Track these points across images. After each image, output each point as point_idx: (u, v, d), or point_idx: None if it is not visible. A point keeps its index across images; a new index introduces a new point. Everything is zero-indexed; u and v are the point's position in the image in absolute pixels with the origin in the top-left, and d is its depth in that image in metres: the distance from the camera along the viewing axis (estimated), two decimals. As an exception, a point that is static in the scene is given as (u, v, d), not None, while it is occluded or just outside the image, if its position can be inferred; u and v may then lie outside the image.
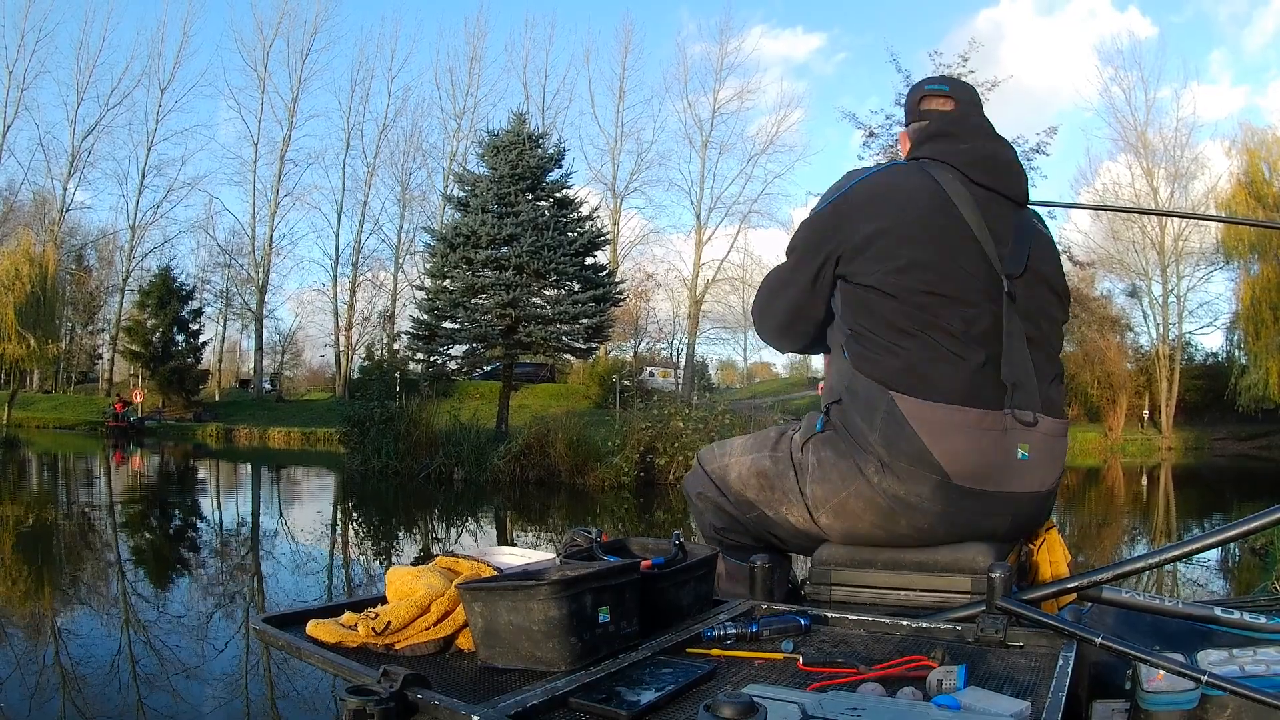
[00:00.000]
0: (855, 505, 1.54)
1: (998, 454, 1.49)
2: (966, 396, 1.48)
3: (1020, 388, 1.51)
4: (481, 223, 17.81)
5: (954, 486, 1.48)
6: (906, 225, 1.55)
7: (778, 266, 1.77)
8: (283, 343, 44.20)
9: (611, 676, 1.06)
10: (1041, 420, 1.53)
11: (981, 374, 1.49)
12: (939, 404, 1.47)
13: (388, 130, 40.49)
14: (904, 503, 1.50)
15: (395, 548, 8.50)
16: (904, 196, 1.58)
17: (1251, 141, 26.08)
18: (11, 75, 36.61)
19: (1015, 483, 1.52)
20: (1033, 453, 1.52)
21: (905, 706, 0.95)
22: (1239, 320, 26.41)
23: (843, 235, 1.59)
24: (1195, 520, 11.09)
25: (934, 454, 1.46)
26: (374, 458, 15.04)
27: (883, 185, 1.61)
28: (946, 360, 1.49)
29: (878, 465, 1.50)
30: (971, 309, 1.52)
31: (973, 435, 1.47)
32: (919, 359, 1.49)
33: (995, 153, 1.66)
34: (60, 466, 18.69)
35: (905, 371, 1.49)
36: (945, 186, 1.58)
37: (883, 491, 1.51)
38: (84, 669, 4.00)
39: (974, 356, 1.50)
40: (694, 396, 24.02)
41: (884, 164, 1.79)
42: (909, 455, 1.48)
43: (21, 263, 27.26)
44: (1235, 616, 1.48)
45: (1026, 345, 1.55)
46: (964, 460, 1.47)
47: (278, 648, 1.28)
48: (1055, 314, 1.69)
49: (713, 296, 38.95)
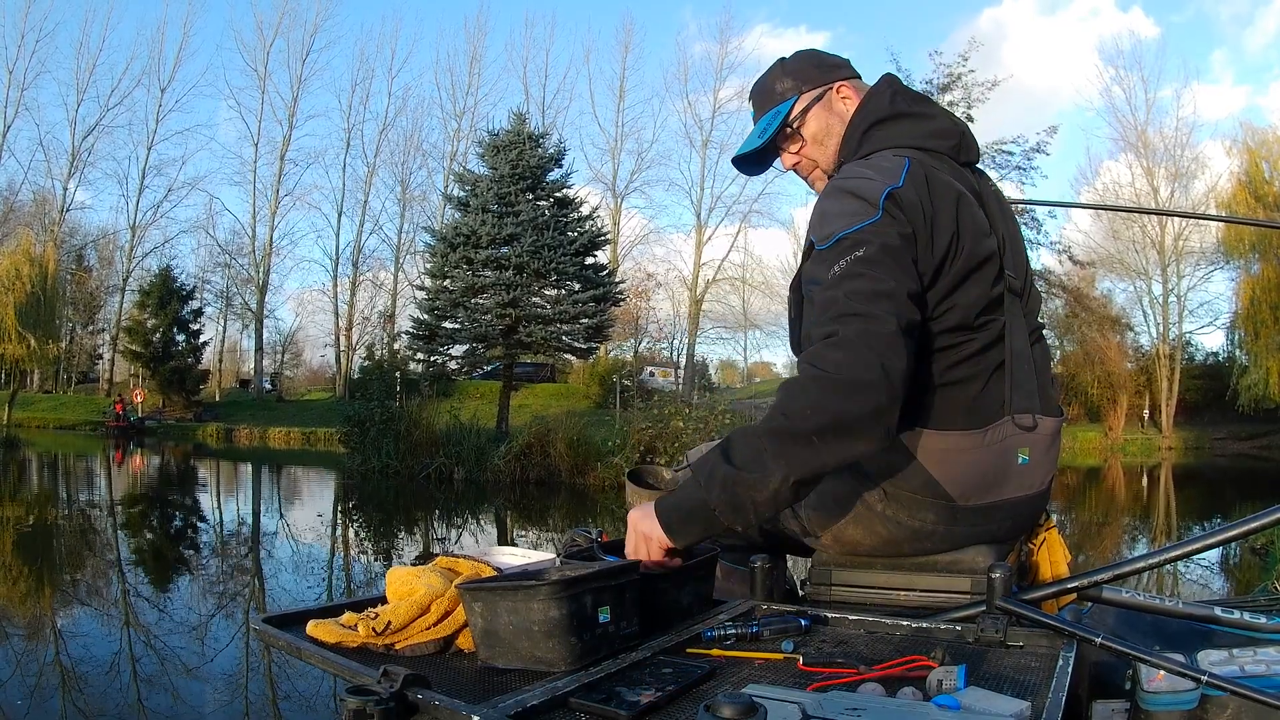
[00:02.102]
0: (855, 532, 1.49)
1: (1000, 466, 1.43)
2: (971, 418, 1.38)
3: (1020, 389, 1.42)
4: (481, 222, 17.82)
5: (960, 508, 1.43)
6: (960, 236, 1.37)
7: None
8: (283, 343, 44.28)
9: (611, 676, 1.07)
10: (1040, 422, 1.45)
11: (985, 389, 1.39)
12: (946, 432, 1.38)
13: (388, 130, 40.59)
14: (909, 528, 1.45)
15: (395, 548, 8.50)
16: (951, 200, 1.40)
17: (1252, 141, 26.10)
18: (11, 75, 36.72)
19: (1016, 489, 1.47)
20: (1032, 455, 1.47)
21: (905, 706, 0.95)
22: (1239, 320, 26.41)
23: (899, 271, 1.39)
24: (1195, 520, 11.09)
25: (942, 483, 1.40)
26: (374, 458, 15.04)
27: (933, 188, 1.42)
28: (951, 384, 1.38)
29: (880, 495, 1.44)
30: (992, 317, 1.39)
31: (978, 456, 1.40)
32: (920, 388, 1.35)
33: (956, 123, 1.51)
34: (60, 466, 18.70)
35: (919, 408, 1.37)
36: (955, 176, 1.43)
37: (885, 518, 1.45)
38: (84, 669, 4.00)
39: (980, 371, 1.39)
40: (694, 396, 24.02)
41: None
42: (914, 486, 1.41)
43: (21, 263, 27.28)
44: (1235, 616, 1.48)
45: (1028, 342, 1.46)
46: (970, 483, 1.42)
47: (278, 648, 1.28)
48: (1035, 300, 1.54)
49: (713, 296, 39.04)
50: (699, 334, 38.30)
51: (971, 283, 1.36)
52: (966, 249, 1.35)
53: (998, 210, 1.48)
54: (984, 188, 1.50)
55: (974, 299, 1.36)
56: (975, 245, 1.36)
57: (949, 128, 1.50)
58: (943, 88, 25.35)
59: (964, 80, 25.20)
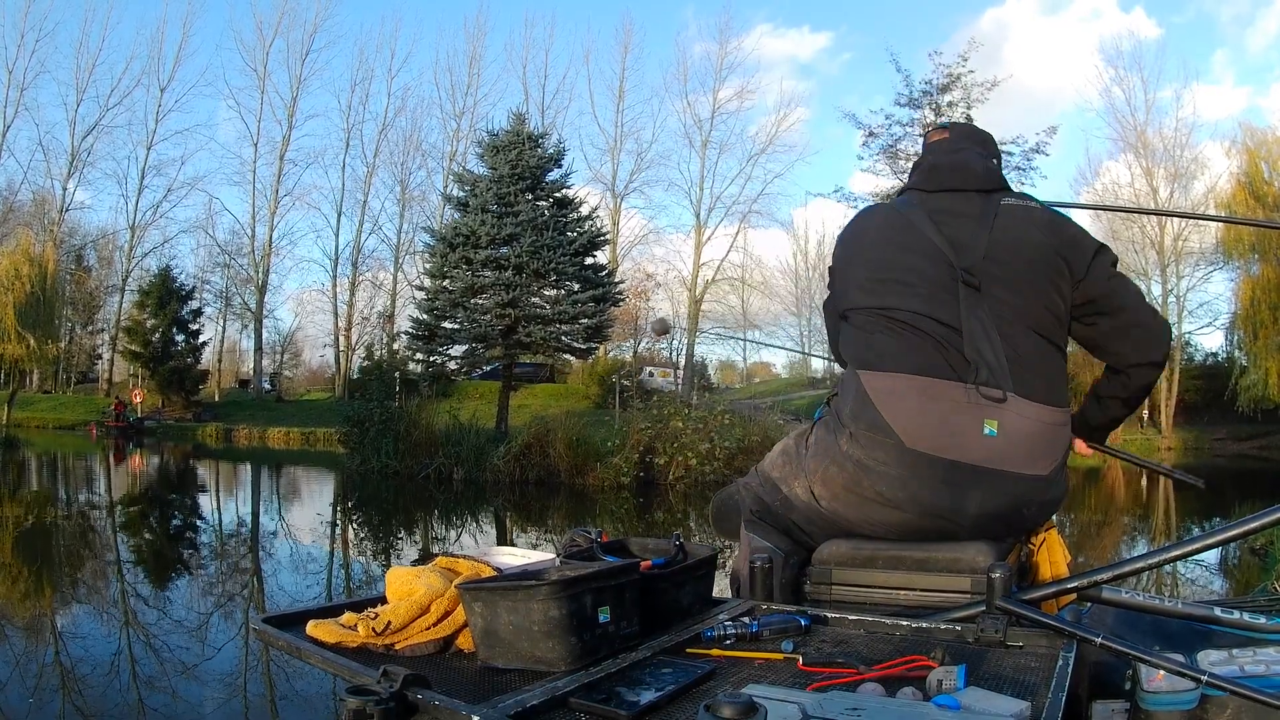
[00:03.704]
0: (833, 472, 1.66)
1: (957, 424, 1.55)
2: (923, 369, 1.58)
3: (985, 366, 1.55)
4: (481, 223, 17.80)
5: (909, 450, 1.56)
6: (865, 249, 1.79)
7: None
8: (282, 343, 44.24)
9: (611, 677, 1.07)
10: (1013, 400, 1.54)
11: (943, 351, 1.59)
12: (893, 373, 1.60)
13: (387, 130, 40.52)
14: (865, 467, 1.60)
15: (395, 548, 8.50)
16: (863, 229, 1.84)
17: (1251, 141, 26.07)
18: (11, 75, 36.65)
19: (982, 457, 1.54)
20: (1003, 432, 1.54)
21: (905, 706, 0.95)
22: (1239, 320, 26.38)
23: (835, 291, 1.87)
24: (1195, 520, 11.09)
25: (886, 418, 1.57)
26: (374, 458, 15.04)
27: (850, 230, 1.87)
28: (903, 338, 1.62)
29: (848, 436, 1.63)
30: (927, 296, 1.63)
31: (926, 402, 1.57)
32: (880, 340, 1.65)
33: (952, 159, 1.80)
34: (60, 466, 18.69)
35: (867, 350, 1.66)
36: (901, 206, 1.79)
37: (848, 457, 1.62)
38: (84, 669, 4.00)
39: (932, 335, 1.60)
40: (693, 396, 24.02)
41: (862, 209, 2.04)
42: (867, 422, 1.60)
43: (21, 263, 27.23)
44: (1235, 616, 1.48)
45: (996, 329, 1.58)
46: (916, 424, 1.56)
47: (278, 648, 1.28)
48: (1029, 296, 1.63)
49: (712, 296, 38.99)
50: (698, 334, 38.27)
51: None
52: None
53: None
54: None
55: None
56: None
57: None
58: (942, 88, 25.36)
59: (963, 80, 25.22)
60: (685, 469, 13.32)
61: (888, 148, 26.35)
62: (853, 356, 1.70)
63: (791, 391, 41.30)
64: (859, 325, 1.71)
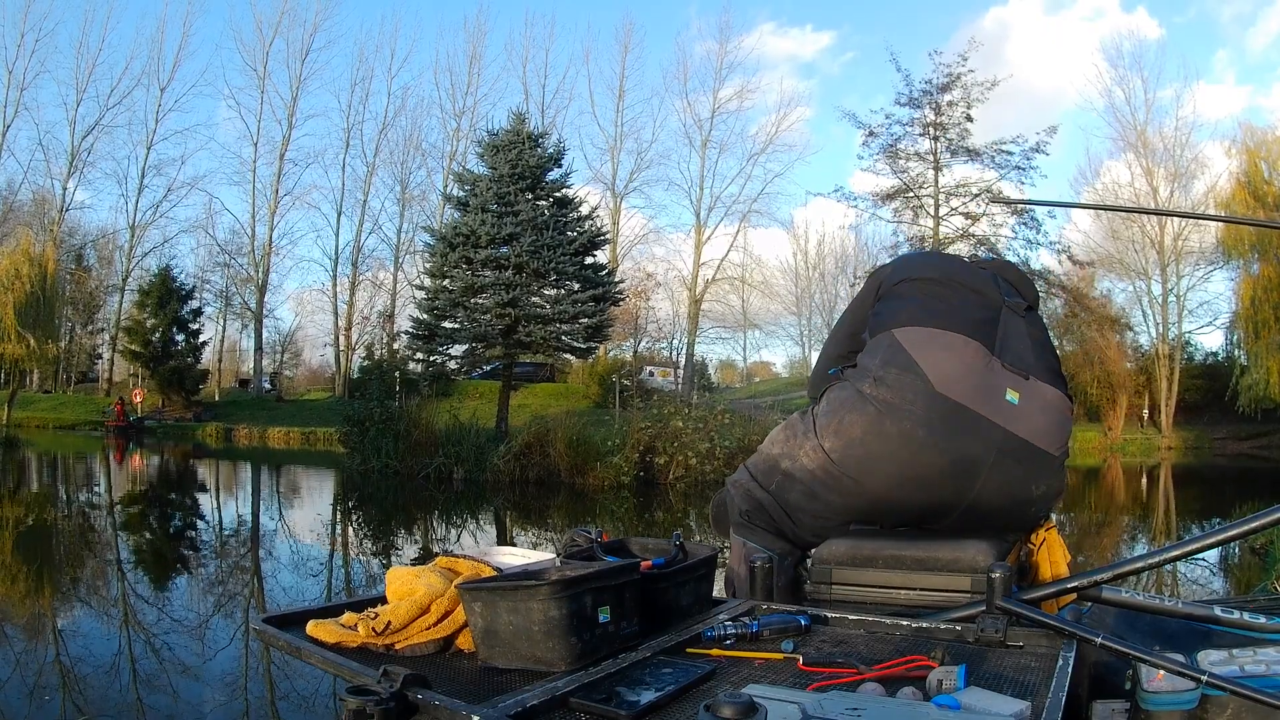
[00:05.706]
0: (850, 419, 1.77)
1: (983, 381, 1.70)
2: (957, 327, 1.76)
3: (1013, 351, 1.74)
4: (481, 222, 17.79)
5: (937, 394, 1.68)
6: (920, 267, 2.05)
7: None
8: (282, 342, 44.19)
9: (611, 676, 1.06)
10: (1034, 381, 1.72)
11: (979, 329, 1.76)
12: (930, 327, 1.76)
13: (387, 130, 40.44)
14: (891, 406, 1.71)
15: (395, 548, 8.50)
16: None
17: (1251, 141, 26.04)
18: (11, 75, 36.58)
19: (1003, 417, 1.67)
20: (1024, 402, 1.68)
21: (905, 706, 0.95)
22: (1239, 320, 26.35)
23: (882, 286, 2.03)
24: (1195, 520, 11.08)
25: (920, 363, 1.72)
26: (374, 457, 15.03)
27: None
28: (945, 303, 1.81)
29: (872, 382, 1.76)
30: (969, 297, 1.83)
31: (958, 354, 1.73)
32: (920, 305, 1.82)
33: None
34: (60, 466, 18.69)
35: (906, 314, 1.81)
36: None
37: (873, 399, 1.74)
38: (84, 668, 4.00)
39: (971, 316, 1.78)
40: (694, 396, 24.00)
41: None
42: (898, 365, 1.74)
43: (21, 263, 27.20)
44: (1235, 616, 1.48)
45: (1026, 334, 1.80)
46: (947, 370, 1.70)
47: (278, 648, 1.28)
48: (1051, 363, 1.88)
49: (713, 296, 38.93)
50: (698, 333, 38.24)
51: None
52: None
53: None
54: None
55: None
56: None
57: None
58: (942, 88, 25.35)
59: (963, 80, 25.21)
60: (685, 468, 13.32)
61: (888, 147, 26.37)
62: (890, 320, 1.84)
63: (791, 391, 41.22)
64: (902, 294, 1.88)
